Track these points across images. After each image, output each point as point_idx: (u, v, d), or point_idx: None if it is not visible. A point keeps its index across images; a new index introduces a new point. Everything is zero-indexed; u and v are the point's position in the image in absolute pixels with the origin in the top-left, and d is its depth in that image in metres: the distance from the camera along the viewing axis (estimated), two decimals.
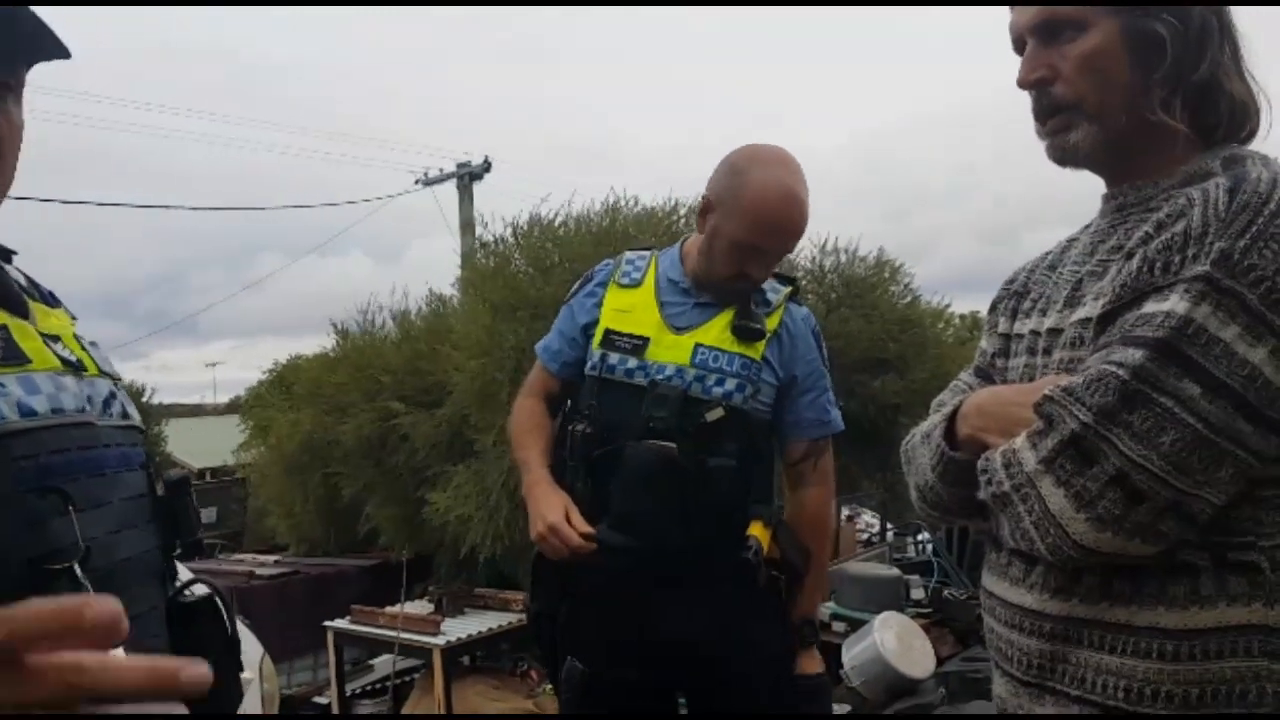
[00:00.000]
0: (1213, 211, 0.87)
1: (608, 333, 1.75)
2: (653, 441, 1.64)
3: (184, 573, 0.93)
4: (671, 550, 1.64)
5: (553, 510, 1.64)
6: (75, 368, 0.83)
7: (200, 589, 0.89)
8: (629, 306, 1.77)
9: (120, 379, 0.91)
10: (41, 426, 0.75)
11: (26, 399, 0.75)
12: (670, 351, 1.71)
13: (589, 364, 1.76)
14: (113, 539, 0.79)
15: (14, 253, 0.85)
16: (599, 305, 1.80)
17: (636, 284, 1.79)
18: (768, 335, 1.73)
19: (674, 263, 1.81)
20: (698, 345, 1.71)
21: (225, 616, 0.89)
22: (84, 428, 0.79)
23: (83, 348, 0.88)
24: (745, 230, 1.65)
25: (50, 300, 0.90)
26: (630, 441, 1.65)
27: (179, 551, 0.91)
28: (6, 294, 0.82)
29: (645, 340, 1.72)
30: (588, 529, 1.62)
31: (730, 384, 1.69)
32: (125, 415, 0.88)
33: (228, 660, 0.89)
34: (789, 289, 1.81)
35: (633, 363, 1.72)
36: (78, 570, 0.74)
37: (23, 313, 0.82)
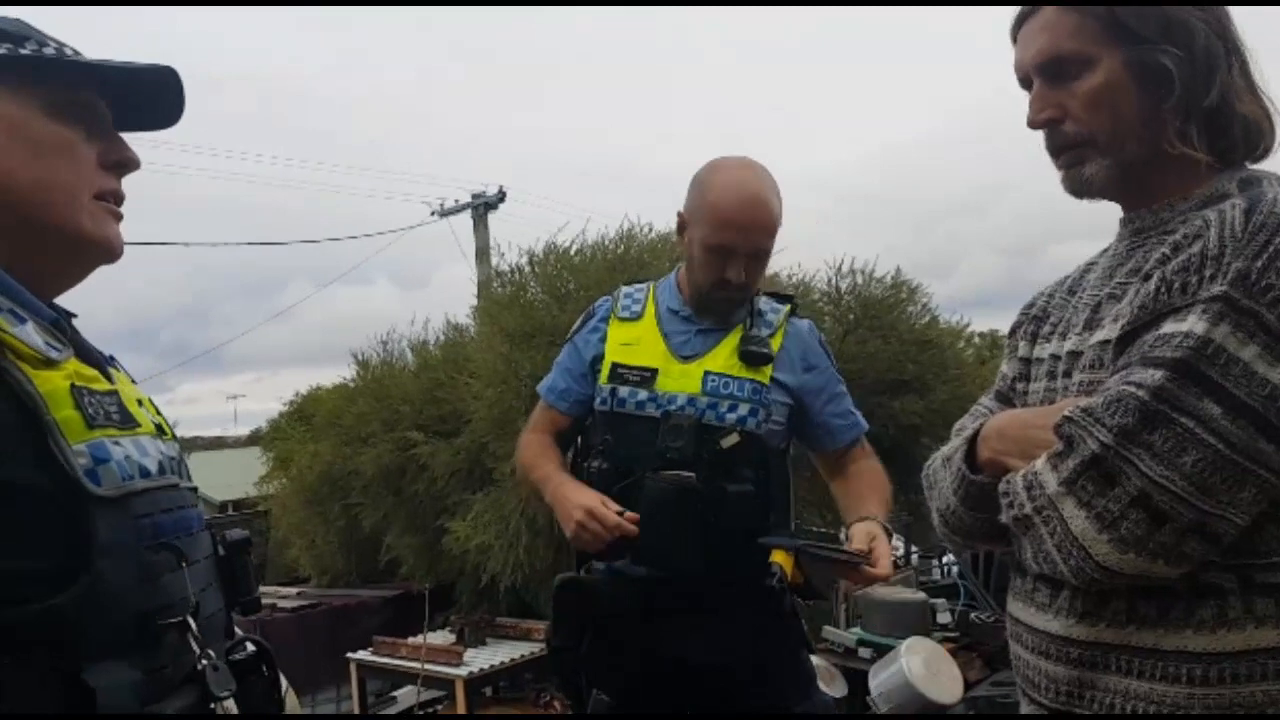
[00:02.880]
0: (1229, 232, 0.87)
1: (615, 366, 1.74)
2: (672, 472, 1.64)
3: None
4: (694, 578, 1.64)
5: (587, 497, 1.63)
6: (159, 431, 0.87)
7: (249, 647, 0.91)
8: (633, 339, 1.76)
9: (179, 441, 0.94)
10: (156, 487, 0.80)
11: (140, 460, 0.79)
12: (680, 381, 1.71)
13: (598, 399, 1.75)
14: (203, 596, 0.82)
15: (74, 315, 0.87)
16: (603, 340, 1.79)
17: (638, 316, 1.79)
18: (774, 357, 1.73)
19: (672, 292, 1.81)
20: (707, 373, 1.70)
21: (273, 676, 0.90)
22: (174, 489, 0.84)
23: (158, 411, 0.92)
24: (712, 230, 1.66)
25: (111, 363, 0.93)
26: (649, 473, 1.65)
27: (237, 609, 0.93)
28: (97, 359, 0.85)
29: (654, 371, 1.72)
30: (626, 511, 1.60)
31: (743, 409, 1.69)
32: (189, 477, 0.91)
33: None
34: (788, 307, 1.82)
35: (643, 394, 1.71)
36: (191, 623, 0.77)
37: (107, 378, 0.85)
